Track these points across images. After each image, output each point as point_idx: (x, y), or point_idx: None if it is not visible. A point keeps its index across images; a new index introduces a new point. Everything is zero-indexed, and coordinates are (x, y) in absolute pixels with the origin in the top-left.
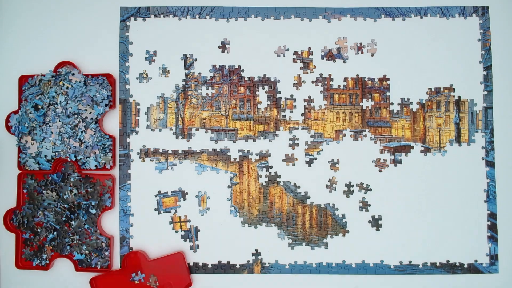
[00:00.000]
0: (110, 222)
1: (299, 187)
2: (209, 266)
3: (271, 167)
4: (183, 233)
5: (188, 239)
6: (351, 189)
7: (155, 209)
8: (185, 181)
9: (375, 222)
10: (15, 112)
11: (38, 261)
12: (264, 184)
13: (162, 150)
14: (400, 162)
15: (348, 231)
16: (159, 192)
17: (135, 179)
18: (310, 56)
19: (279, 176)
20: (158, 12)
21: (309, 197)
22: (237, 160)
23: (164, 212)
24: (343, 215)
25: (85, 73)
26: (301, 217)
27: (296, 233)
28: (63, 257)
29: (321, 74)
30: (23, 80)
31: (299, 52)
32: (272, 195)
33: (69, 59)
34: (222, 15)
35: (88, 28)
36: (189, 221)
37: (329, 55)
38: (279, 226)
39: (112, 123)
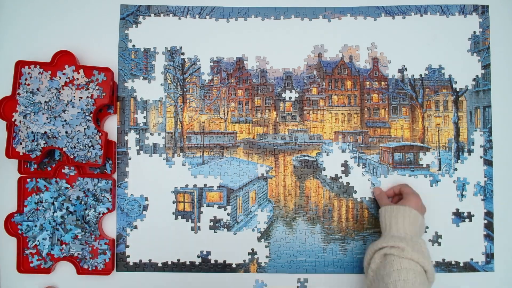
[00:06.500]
0: (112, 224)
1: (335, 180)
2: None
3: (307, 160)
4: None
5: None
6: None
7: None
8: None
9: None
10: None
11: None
12: (300, 177)
13: (196, 144)
14: (399, 161)
15: None
16: (204, 185)
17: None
18: (310, 57)
19: (315, 170)
20: (158, 11)
21: (345, 191)
22: (273, 153)
23: (207, 206)
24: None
25: (83, 64)
26: (337, 211)
27: (333, 227)
28: (65, 260)
29: (319, 75)
30: (20, 65)
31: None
32: (308, 189)
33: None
34: (222, 15)
35: (88, 25)
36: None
37: (341, 64)
38: (315, 220)
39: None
